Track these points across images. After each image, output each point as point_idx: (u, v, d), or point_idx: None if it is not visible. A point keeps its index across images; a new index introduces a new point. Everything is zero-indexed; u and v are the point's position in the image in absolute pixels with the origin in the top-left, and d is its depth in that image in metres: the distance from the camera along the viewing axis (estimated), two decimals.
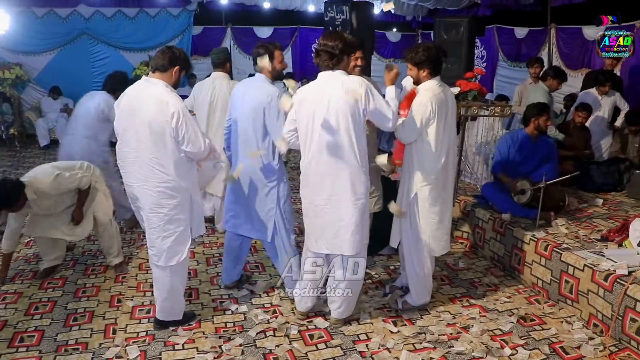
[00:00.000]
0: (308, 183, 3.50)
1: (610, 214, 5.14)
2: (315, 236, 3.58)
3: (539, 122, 5.04)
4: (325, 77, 3.39)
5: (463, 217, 5.42)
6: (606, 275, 3.72)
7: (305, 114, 3.39)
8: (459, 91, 5.54)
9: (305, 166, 3.48)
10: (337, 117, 3.28)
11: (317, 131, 3.34)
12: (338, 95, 3.27)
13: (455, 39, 7.12)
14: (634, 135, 6.41)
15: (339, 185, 3.39)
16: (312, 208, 3.53)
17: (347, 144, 3.32)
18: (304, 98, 3.41)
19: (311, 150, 3.40)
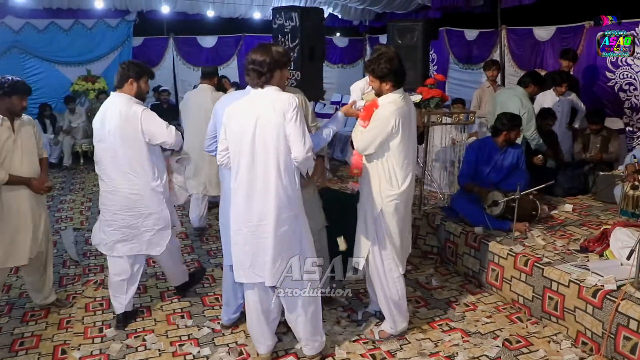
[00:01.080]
0: (238, 206, 3.18)
1: (582, 219, 4.99)
2: (247, 265, 3.22)
3: (511, 136, 4.86)
4: (255, 94, 3.12)
5: (432, 232, 5.15)
6: (594, 291, 3.51)
7: (235, 133, 3.11)
8: (421, 99, 5.31)
9: (234, 188, 3.16)
10: (265, 136, 3.01)
11: (245, 151, 3.06)
12: (267, 114, 3.01)
13: (410, 44, 6.91)
14: (595, 134, 6.34)
15: (267, 209, 3.09)
16: (242, 234, 3.19)
17: (274, 164, 3.03)
18: (232, 116, 3.12)
19: (240, 171, 3.11)
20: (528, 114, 5.40)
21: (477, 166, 4.96)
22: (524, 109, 5.38)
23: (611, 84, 7.08)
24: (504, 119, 4.87)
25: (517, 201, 4.31)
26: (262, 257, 3.14)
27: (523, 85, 5.58)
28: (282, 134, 3.00)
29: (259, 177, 3.06)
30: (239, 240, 3.20)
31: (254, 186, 3.07)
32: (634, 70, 6.81)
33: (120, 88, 3.71)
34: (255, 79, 3.07)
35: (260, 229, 3.10)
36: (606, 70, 7.11)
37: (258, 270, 3.18)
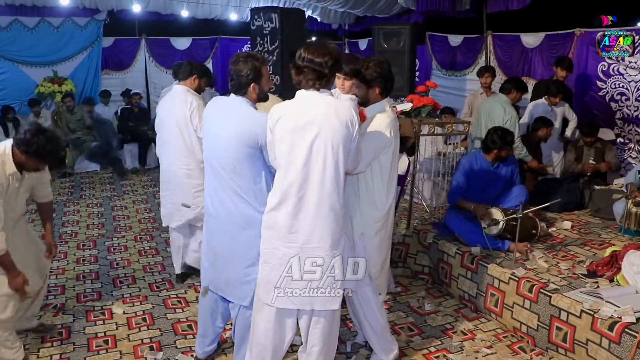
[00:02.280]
0: (271, 223, 2.79)
1: (582, 238, 4.69)
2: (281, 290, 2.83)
3: (502, 154, 4.56)
4: (309, 98, 2.70)
5: (423, 250, 4.80)
6: (611, 323, 3.19)
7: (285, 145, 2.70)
8: (411, 107, 4.98)
9: (276, 202, 2.75)
10: (326, 148, 2.63)
11: (298, 164, 2.66)
12: (331, 124, 2.62)
13: (396, 48, 6.60)
14: (589, 146, 6.08)
15: (318, 233, 2.73)
16: (276, 254, 2.79)
17: (333, 181, 2.68)
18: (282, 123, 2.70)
19: (288, 186, 2.71)
20: (511, 121, 5.14)
21: (470, 183, 4.63)
22: (507, 117, 5.12)
23: (602, 94, 6.85)
24: (495, 136, 4.54)
25: (518, 220, 3.99)
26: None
27: (505, 92, 5.32)
28: (347, 147, 2.67)
29: (312, 195, 2.68)
30: (272, 260, 2.82)
31: (305, 204, 2.70)
32: (626, 80, 6.58)
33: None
34: (313, 79, 2.68)
35: (305, 254, 2.76)
36: (597, 80, 6.88)
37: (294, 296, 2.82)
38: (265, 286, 2.84)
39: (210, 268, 3.19)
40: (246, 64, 2.90)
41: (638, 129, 6.58)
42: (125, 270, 4.95)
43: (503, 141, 4.51)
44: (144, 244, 5.65)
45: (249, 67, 2.89)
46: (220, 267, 3.11)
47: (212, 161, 3.01)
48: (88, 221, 6.44)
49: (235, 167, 2.91)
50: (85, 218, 6.55)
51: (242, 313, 3.15)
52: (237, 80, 2.93)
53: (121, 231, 6.10)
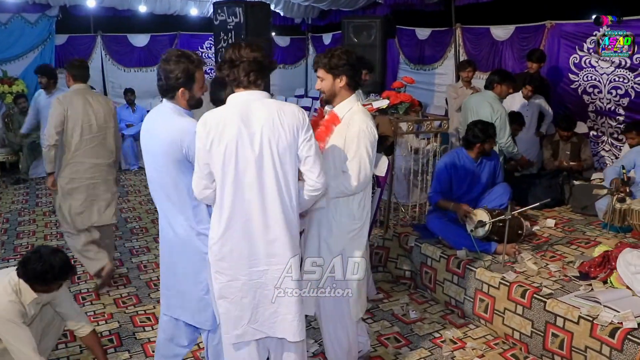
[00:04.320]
0: (226, 253, 2.48)
1: (568, 236, 4.55)
2: (245, 320, 2.55)
3: (485, 148, 4.38)
4: (246, 102, 2.41)
5: (404, 254, 4.59)
6: (611, 330, 3.03)
7: (222, 153, 2.37)
8: (388, 104, 4.76)
9: (224, 227, 2.44)
10: (273, 159, 2.38)
11: (241, 180, 2.39)
12: (275, 129, 2.36)
13: (367, 42, 6.39)
14: (565, 141, 5.98)
15: (276, 247, 2.45)
16: (239, 285, 2.51)
17: (282, 194, 2.43)
18: (216, 134, 2.38)
19: (231, 206, 2.42)
20: (501, 119, 4.89)
21: (452, 183, 4.44)
22: (496, 114, 4.87)
23: (575, 86, 6.76)
24: (477, 129, 4.35)
25: (507, 221, 3.81)
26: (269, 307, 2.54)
27: (490, 87, 5.08)
28: (294, 155, 2.42)
29: (262, 212, 2.42)
30: (231, 293, 2.52)
31: (256, 224, 2.43)
32: (598, 72, 6.51)
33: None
34: (255, 76, 2.40)
35: (269, 274, 2.49)
36: (569, 72, 6.79)
37: (260, 324, 2.57)
38: (228, 323, 2.57)
39: (166, 292, 2.90)
40: (178, 64, 2.56)
41: (611, 122, 6.51)
42: (87, 285, 4.57)
43: (485, 134, 4.32)
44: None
45: (180, 69, 2.56)
46: (173, 291, 2.84)
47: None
48: (45, 231, 6.00)
49: (167, 183, 2.62)
50: (42, 228, 6.11)
51: (210, 339, 2.89)
52: (164, 81, 2.59)
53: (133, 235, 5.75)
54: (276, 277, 2.49)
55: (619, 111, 6.42)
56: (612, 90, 6.42)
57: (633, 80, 6.20)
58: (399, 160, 6.18)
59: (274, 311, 2.54)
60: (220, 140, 2.34)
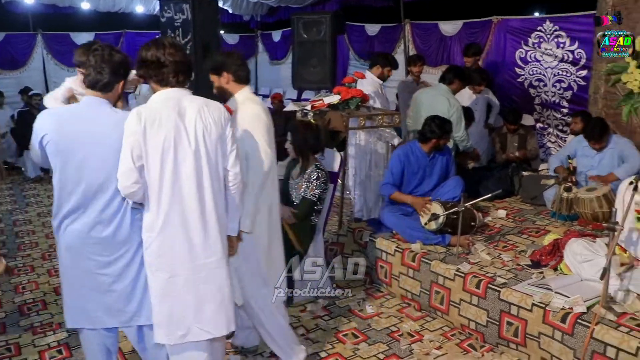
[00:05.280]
0: (166, 249, 2.44)
1: (519, 226, 4.64)
2: (183, 321, 2.51)
3: (440, 143, 4.41)
4: (176, 98, 2.45)
5: (359, 249, 4.57)
6: (563, 315, 3.09)
7: (160, 146, 2.35)
8: (339, 100, 4.74)
9: (160, 224, 2.41)
10: (208, 151, 2.46)
11: (176, 176, 2.40)
12: (206, 123, 2.45)
13: (317, 38, 6.33)
14: (512, 133, 6.10)
15: (210, 244, 2.50)
16: (177, 282, 2.47)
17: (214, 187, 2.51)
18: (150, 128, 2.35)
19: (168, 201, 2.41)
20: (457, 113, 4.95)
21: (405, 175, 4.46)
22: (453, 108, 4.92)
23: (521, 80, 6.92)
24: (434, 125, 4.37)
25: (460, 214, 3.84)
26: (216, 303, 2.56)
27: (446, 82, 5.12)
28: (221, 149, 2.50)
29: (198, 205, 2.44)
30: (173, 290, 2.47)
31: (193, 217, 2.44)
32: (543, 66, 6.68)
33: None
34: (183, 75, 2.48)
35: (209, 270, 2.51)
36: (515, 66, 6.95)
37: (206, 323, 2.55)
38: (170, 324, 2.50)
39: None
40: (127, 57, 2.54)
41: (556, 114, 6.68)
42: (33, 294, 4.36)
43: (442, 130, 4.35)
44: (54, 261, 5.00)
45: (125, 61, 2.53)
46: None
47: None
48: None
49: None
50: None
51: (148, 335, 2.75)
52: (110, 74, 2.45)
53: (25, 249, 5.45)
54: (214, 271, 2.51)
55: (563, 104, 6.60)
56: (557, 83, 6.60)
57: (575, 74, 6.39)
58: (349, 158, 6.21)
59: (217, 307, 2.55)
60: (158, 132, 2.34)
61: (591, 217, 4.42)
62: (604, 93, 5.72)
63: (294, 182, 4.13)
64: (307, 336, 3.69)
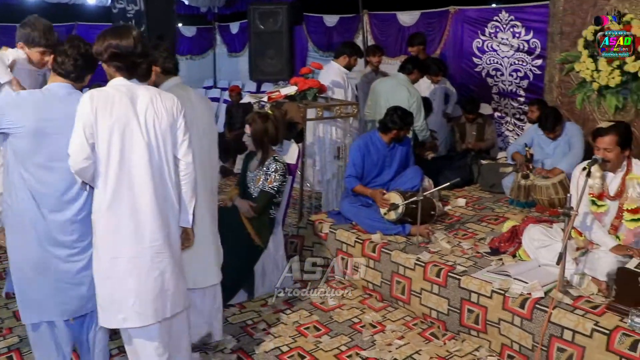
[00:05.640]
0: (111, 228, 2.43)
1: (478, 214, 4.68)
2: (124, 304, 2.47)
3: (400, 134, 4.40)
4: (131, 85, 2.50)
5: (320, 242, 4.53)
6: (522, 301, 3.11)
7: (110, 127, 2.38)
8: (296, 91, 4.68)
9: (107, 204, 2.41)
10: (157, 139, 2.49)
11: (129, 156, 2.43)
12: (158, 111, 2.49)
13: (273, 29, 6.27)
14: (471, 123, 6.15)
15: (156, 229, 2.50)
16: (119, 264, 2.45)
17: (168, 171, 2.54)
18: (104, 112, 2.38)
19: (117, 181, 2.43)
20: (417, 103, 4.96)
21: (365, 168, 4.44)
22: (413, 98, 4.92)
23: (478, 69, 6.96)
24: (396, 116, 4.36)
25: (419, 203, 3.84)
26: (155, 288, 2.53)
27: (406, 72, 5.11)
28: (172, 138, 2.53)
29: (148, 189, 2.46)
30: (116, 272, 2.45)
31: (143, 199, 2.45)
32: (499, 56, 6.73)
33: None
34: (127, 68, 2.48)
35: (154, 254, 2.50)
36: (473, 56, 6.98)
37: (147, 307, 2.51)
38: (112, 307, 2.47)
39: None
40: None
41: (513, 103, 6.75)
42: None
43: (404, 122, 4.34)
44: (4, 263, 4.82)
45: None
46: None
47: None
48: None
49: None
50: None
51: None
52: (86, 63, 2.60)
53: None
54: (158, 256, 2.50)
55: (519, 93, 6.67)
56: (513, 72, 6.66)
57: (531, 63, 6.46)
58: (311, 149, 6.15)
59: (162, 291, 2.53)
60: (109, 114, 2.36)
61: (548, 203, 4.49)
62: (559, 82, 5.82)
63: (251, 175, 4.06)
64: (269, 331, 3.63)
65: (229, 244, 3.81)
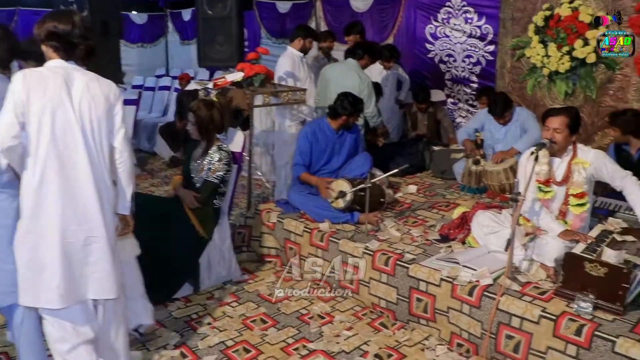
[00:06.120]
0: (39, 209, 2.34)
1: (429, 201, 4.61)
2: (54, 283, 2.37)
3: (349, 121, 4.29)
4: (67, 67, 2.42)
5: (268, 231, 4.40)
6: (470, 288, 3.05)
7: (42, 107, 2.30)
8: (242, 77, 4.53)
9: (35, 188, 2.31)
10: (92, 123, 2.41)
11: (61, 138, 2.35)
12: (93, 93, 2.41)
13: (222, 14, 6.04)
14: (423, 112, 6.10)
15: (84, 212, 2.43)
16: (44, 244, 2.36)
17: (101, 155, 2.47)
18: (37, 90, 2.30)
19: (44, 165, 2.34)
20: (368, 88, 4.84)
21: (313, 155, 4.32)
22: (364, 84, 4.81)
23: (431, 56, 6.89)
24: (347, 102, 4.25)
25: (367, 190, 3.74)
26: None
27: (356, 57, 4.99)
28: (107, 124, 2.47)
29: (79, 171, 2.38)
30: (39, 252, 2.36)
31: (73, 181, 2.37)
32: (452, 42, 6.67)
33: None
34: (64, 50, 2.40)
35: (86, 238, 2.43)
36: (426, 42, 6.90)
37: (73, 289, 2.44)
38: (34, 287, 2.38)
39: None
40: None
41: (466, 89, 6.71)
42: None
43: (354, 108, 4.24)
44: None
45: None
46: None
47: None
48: None
49: None
50: None
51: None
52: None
53: None
54: (92, 240, 2.44)
55: (472, 79, 6.63)
56: (466, 58, 6.62)
57: (483, 49, 6.41)
58: (263, 137, 6.02)
59: (87, 274, 2.46)
60: (44, 94, 2.29)
61: (499, 189, 4.46)
62: (510, 67, 5.83)
63: (195, 165, 3.91)
64: (214, 325, 3.50)
65: (173, 235, 3.70)
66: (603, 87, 5.11)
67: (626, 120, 4.09)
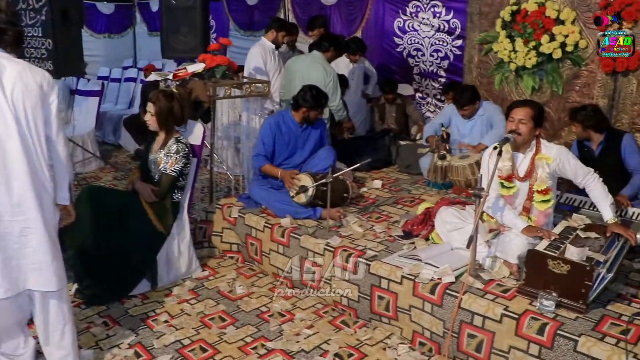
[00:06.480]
0: None
1: (394, 196, 4.54)
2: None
3: (310, 115, 4.19)
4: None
5: (229, 226, 4.29)
6: (432, 286, 2.98)
7: None
8: (204, 68, 4.40)
9: None
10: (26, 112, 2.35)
11: None
12: (26, 82, 2.35)
13: (187, 5, 5.87)
14: (390, 104, 6.03)
15: (19, 203, 2.38)
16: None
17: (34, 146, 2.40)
18: None
19: None
20: (334, 81, 4.76)
21: (276, 148, 4.22)
22: (329, 77, 4.72)
23: (400, 50, 6.83)
24: (309, 94, 4.15)
25: (329, 185, 3.65)
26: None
27: (322, 50, 4.89)
28: (42, 113, 2.41)
29: (9, 161, 2.33)
30: None
31: (13, 174, 2.33)
32: (420, 36, 6.61)
33: None
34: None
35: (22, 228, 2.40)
36: (394, 36, 6.83)
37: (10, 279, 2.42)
38: None
39: None
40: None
41: (434, 84, 6.67)
42: None
43: (315, 102, 4.14)
44: None
45: None
46: None
47: None
48: None
49: None
50: None
51: None
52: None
53: None
54: (27, 231, 2.40)
55: (440, 73, 6.58)
56: (434, 53, 6.57)
57: (451, 43, 6.37)
58: (228, 130, 5.87)
59: (26, 264, 2.43)
60: None
61: (464, 184, 4.41)
62: (478, 62, 5.81)
63: (153, 157, 3.78)
64: (171, 323, 3.38)
65: (130, 230, 3.57)
66: (569, 82, 5.12)
67: (586, 115, 4.07)
